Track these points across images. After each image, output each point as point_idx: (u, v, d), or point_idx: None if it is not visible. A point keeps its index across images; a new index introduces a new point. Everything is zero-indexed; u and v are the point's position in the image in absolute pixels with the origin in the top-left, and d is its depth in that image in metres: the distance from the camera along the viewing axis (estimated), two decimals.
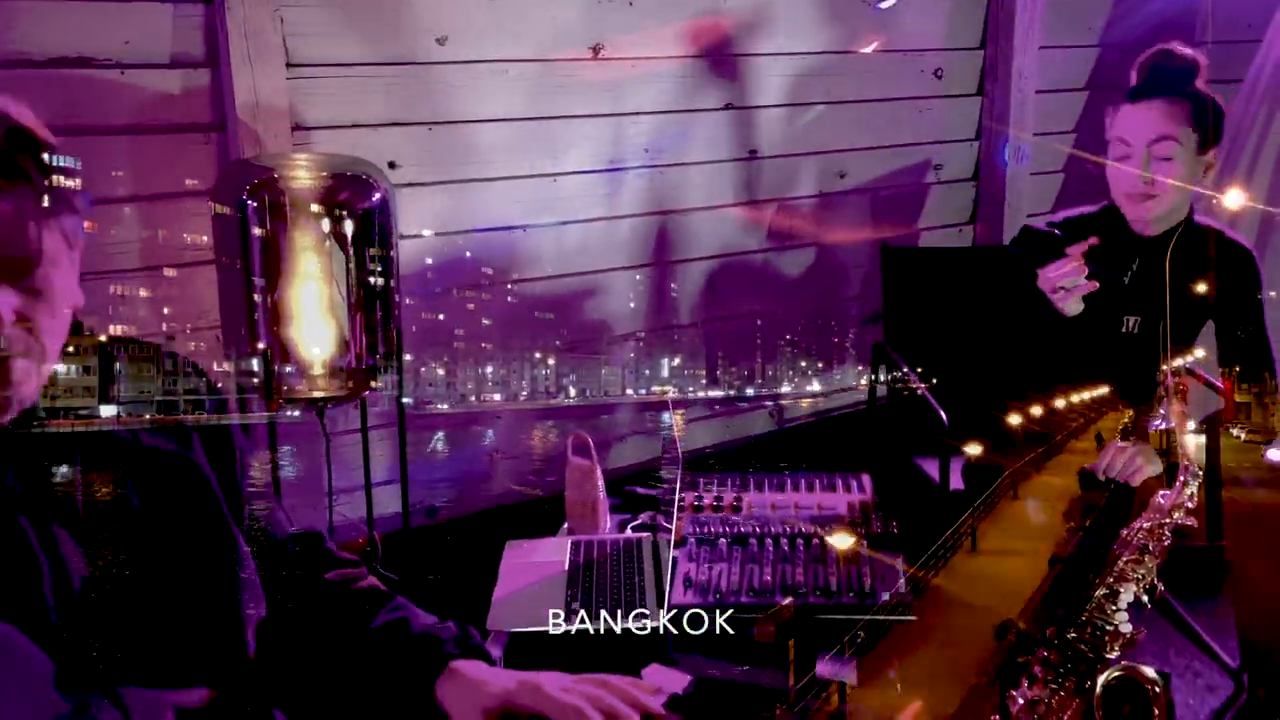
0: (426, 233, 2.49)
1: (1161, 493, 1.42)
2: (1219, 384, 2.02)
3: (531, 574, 1.52)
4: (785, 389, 2.90)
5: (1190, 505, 1.41)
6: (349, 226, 1.92)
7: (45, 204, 1.00)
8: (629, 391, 2.57)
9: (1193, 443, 1.50)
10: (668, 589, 1.42)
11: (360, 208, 1.93)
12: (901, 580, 1.38)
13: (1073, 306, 1.97)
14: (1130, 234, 2.10)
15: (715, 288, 3.00)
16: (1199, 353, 1.84)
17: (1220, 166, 2.20)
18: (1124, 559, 1.35)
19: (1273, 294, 2.12)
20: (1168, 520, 1.39)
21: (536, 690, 1.14)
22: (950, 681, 1.18)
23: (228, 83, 2.15)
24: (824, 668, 1.07)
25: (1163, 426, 1.76)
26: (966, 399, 2.07)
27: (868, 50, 3.04)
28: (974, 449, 1.75)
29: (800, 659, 1.06)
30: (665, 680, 1.22)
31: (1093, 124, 3.39)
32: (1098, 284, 1.93)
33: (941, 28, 3.24)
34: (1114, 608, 1.31)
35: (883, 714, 1.10)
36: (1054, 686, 1.16)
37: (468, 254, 2.56)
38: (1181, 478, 1.41)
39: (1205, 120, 2.02)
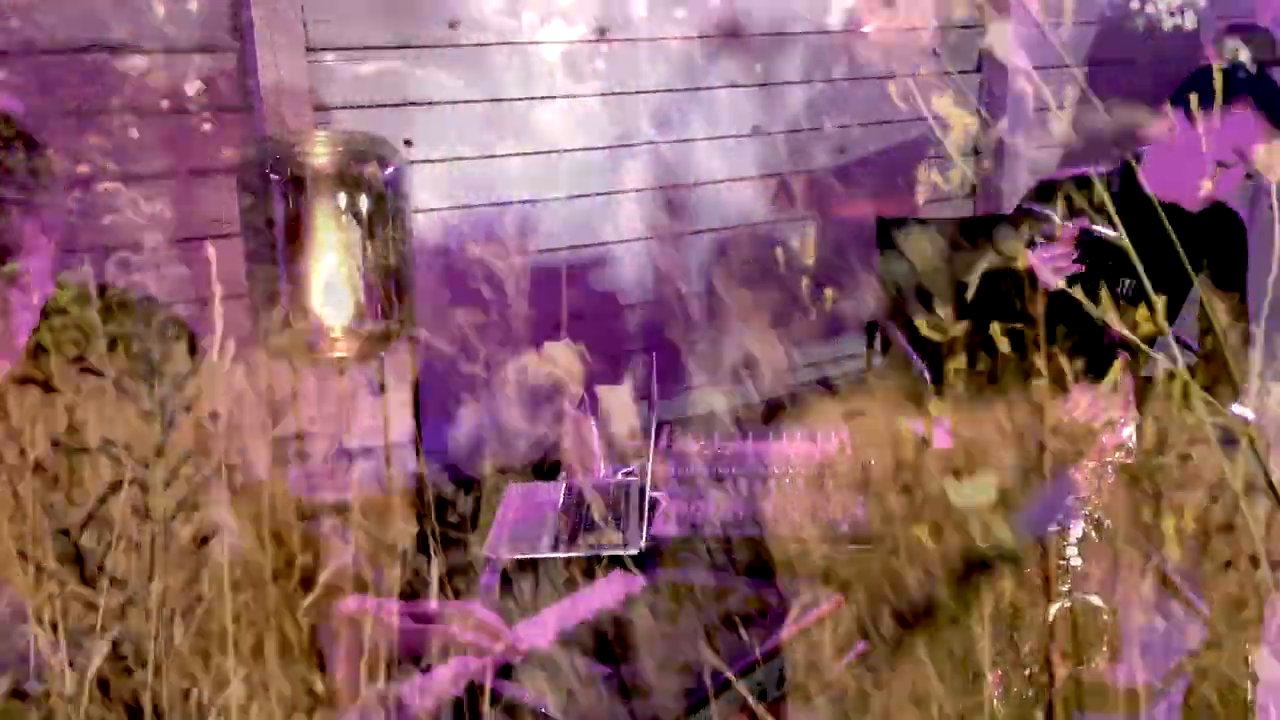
0: (440, 206, 2.63)
1: (1104, 435, 1.54)
2: (1192, 343, 2.13)
3: (528, 510, 1.66)
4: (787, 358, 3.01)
5: (1130, 445, 1.52)
6: (365, 200, 2.06)
7: (22, 192, 0.99)
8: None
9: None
10: (646, 521, 1.56)
11: (376, 182, 2.06)
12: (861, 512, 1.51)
13: (1056, 284, 2.05)
14: (1141, 195, 2.07)
15: (720, 260, 3.12)
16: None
17: None
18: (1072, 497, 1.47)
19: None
20: (1110, 459, 1.51)
21: None
22: None
23: (253, 66, 2.30)
24: None
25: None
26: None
27: (867, 29, 3.15)
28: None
29: None
30: (624, 583, 1.37)
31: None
32: (1084, 267, 1.99)
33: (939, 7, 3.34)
34: (1065, 543, 1.44)
35: None
36: None
37: (480, 227, 2.70)
38: (1122, 421, 1.53)
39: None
